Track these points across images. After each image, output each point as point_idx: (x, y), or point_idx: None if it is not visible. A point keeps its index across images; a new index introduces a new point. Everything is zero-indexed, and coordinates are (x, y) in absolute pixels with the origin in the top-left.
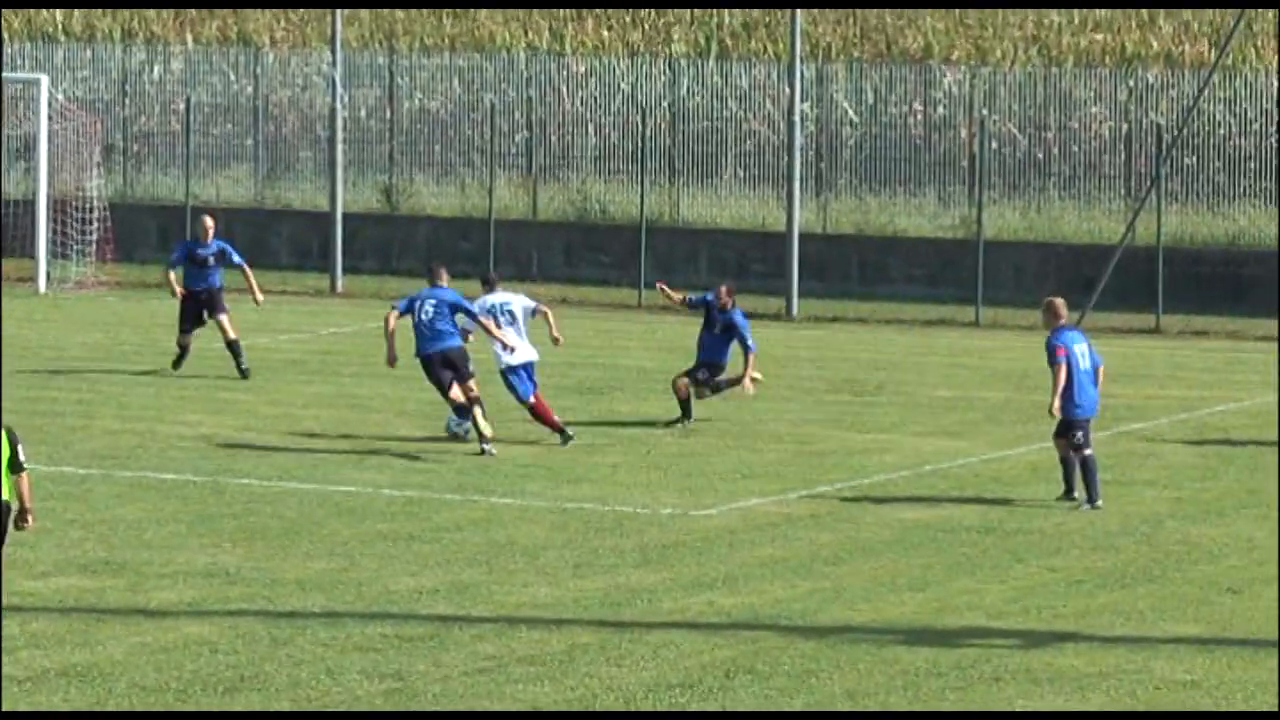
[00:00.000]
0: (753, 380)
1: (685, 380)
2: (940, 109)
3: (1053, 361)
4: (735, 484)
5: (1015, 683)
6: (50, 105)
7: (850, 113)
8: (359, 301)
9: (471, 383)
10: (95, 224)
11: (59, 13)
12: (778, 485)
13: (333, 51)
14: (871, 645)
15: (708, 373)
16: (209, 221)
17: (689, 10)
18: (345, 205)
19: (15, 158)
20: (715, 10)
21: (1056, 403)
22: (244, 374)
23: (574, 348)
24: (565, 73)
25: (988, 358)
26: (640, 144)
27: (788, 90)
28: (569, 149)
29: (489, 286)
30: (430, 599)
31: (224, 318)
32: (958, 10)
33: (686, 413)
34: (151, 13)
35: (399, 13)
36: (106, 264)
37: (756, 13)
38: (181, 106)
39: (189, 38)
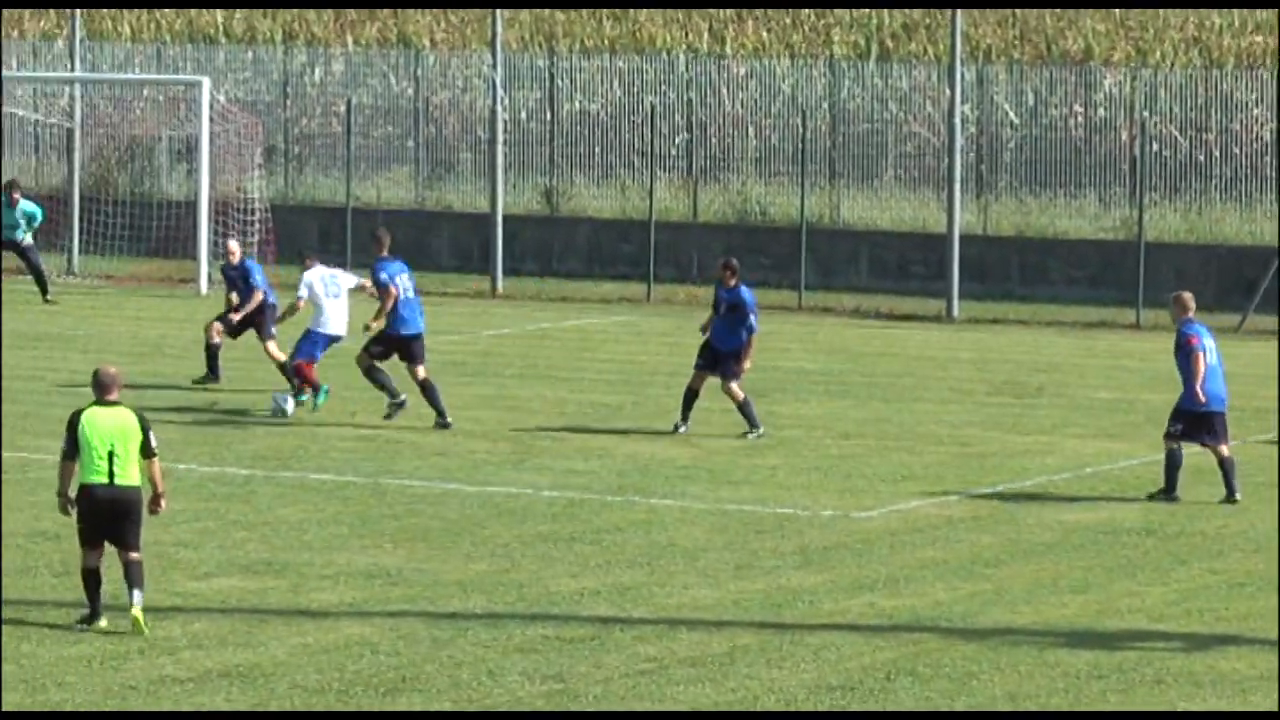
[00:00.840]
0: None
1: (698, 376)
2: (1101, 111)
3: (1188, 350)
4: (896, 486)
5: (1177, 685)
6: (212, 107)
7: (1011, 114)
8: (519, 304)
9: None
10: (256, 225)
11: (220, 15)
12: (938, 487)
13: (493, 53)
14: (1033, 647)
15: (710, 360)
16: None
17: (849, 11)
18: (505, 207)
19: (177, 159)
20: (875, 11)
21: (1199, 391)
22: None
23: None
24: (726, 74)
25: (1149, 360)
26: (800, 146)
27: (948, 92)
28: (729, 151)
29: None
30: (591, 600)
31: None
32: (1118, 11)
33: (685, 413)
34: (312, 14)
35: (559, 15)
36: (266, 266)
37: (917, 14)
38: (342, 108)
39: (349, 40)
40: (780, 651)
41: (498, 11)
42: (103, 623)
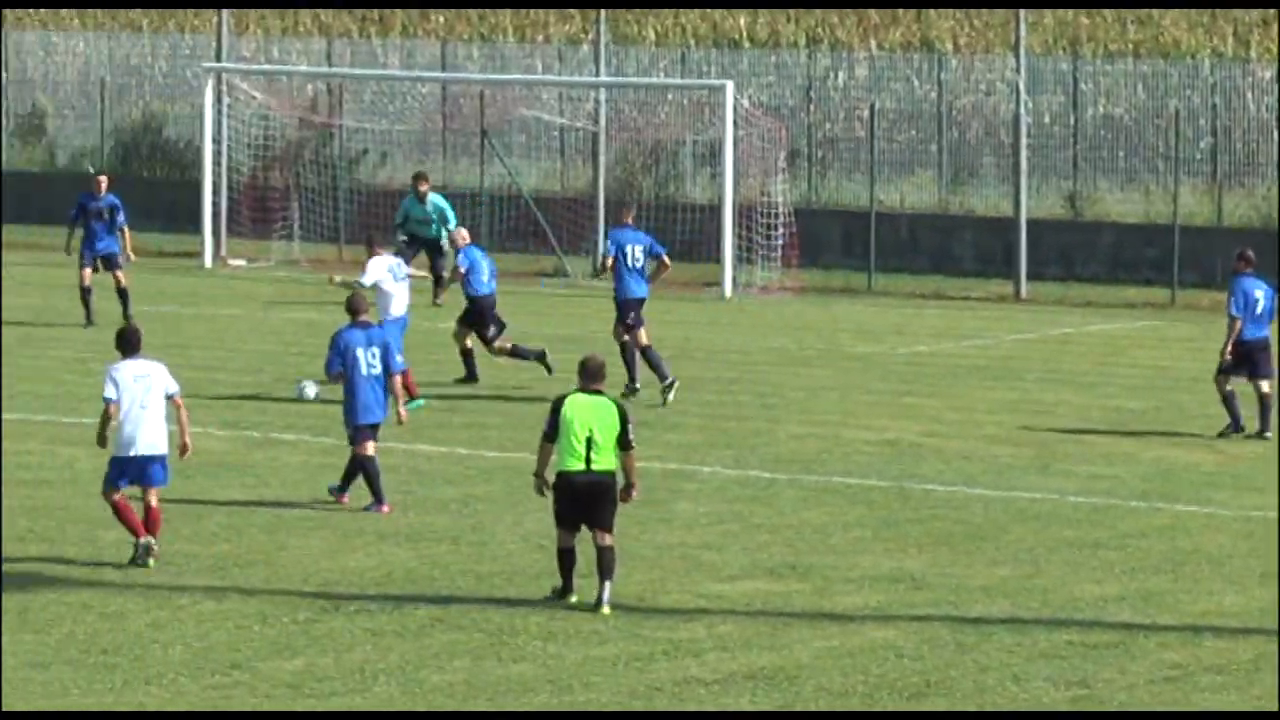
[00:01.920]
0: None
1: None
2: None
3: None
4: None
5: None
6: (736, 111)
7: None
8: (1042, 308)
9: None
10: (780, 229)
11: (743, 19)
12: None
13: (1016, 57)
14: None
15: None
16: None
17: None
18: (1029, 211)
19: (701, 163)
20: None
21: None
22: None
23: None
24: (1250, 79)
25: None
26: None
27: None
28: (1254, 155)
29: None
30: (1116, 606)
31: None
32: None
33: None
34: (835, 19)
35: (1083, 19)
36: (791, 269)
37: None
38: (866, 112)
39: (873, 44)
40: None
41: (1021, 15)
42: (573, 598)
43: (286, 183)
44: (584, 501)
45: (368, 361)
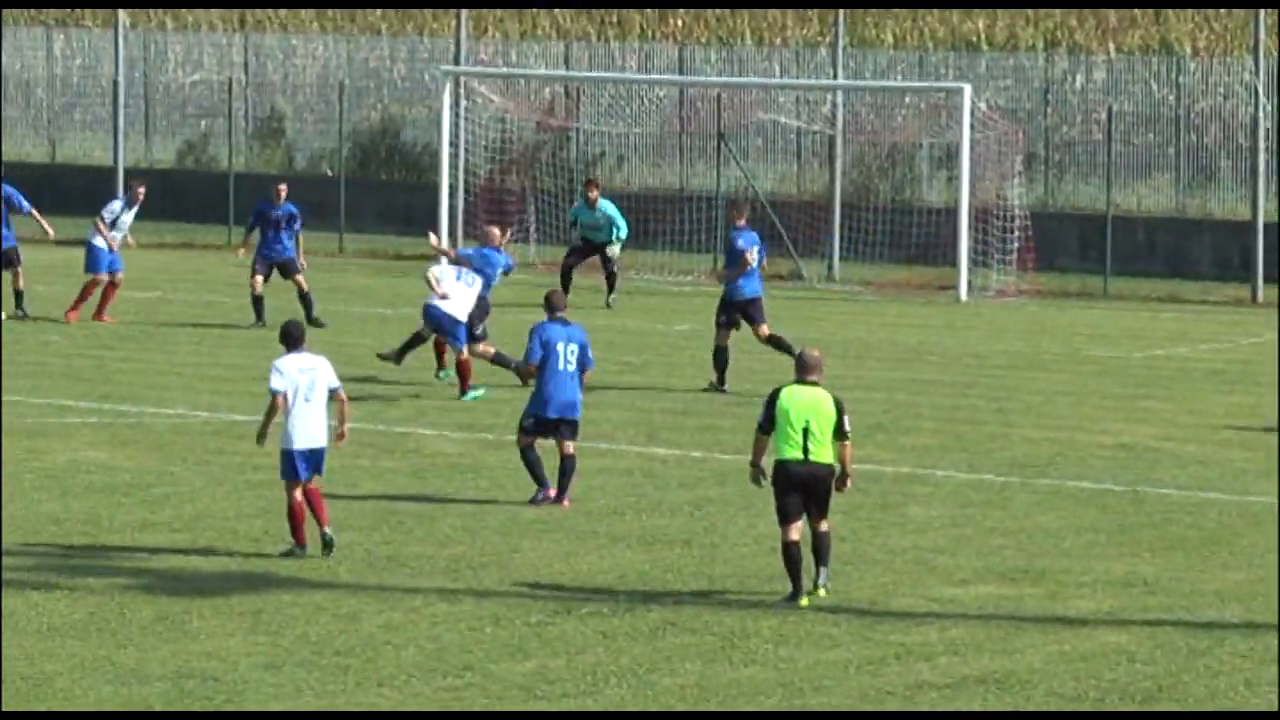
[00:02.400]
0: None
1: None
2: None
3: None
4: None
5: None
6: (973, 114)
7: None
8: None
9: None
10: (1016, 232)
11: (981, 22)
12: None
13: (1255, 60)
14: None
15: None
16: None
17: None
18: (1266, 215)
19: (937, 166)
20: None
21: None
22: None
23: None
24: None
25: None
26: None
27: None
28: None
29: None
30: None
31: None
32: None
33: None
34: (1074, 21)
35: None
36: (1028, 272)
37: None
38: (1103, 115)
39: (1111, 47)
40: None
41: (1260, 16)
42: (804, 600)
43: (523, 186)
44: (802, 490)
45: (565, 356)
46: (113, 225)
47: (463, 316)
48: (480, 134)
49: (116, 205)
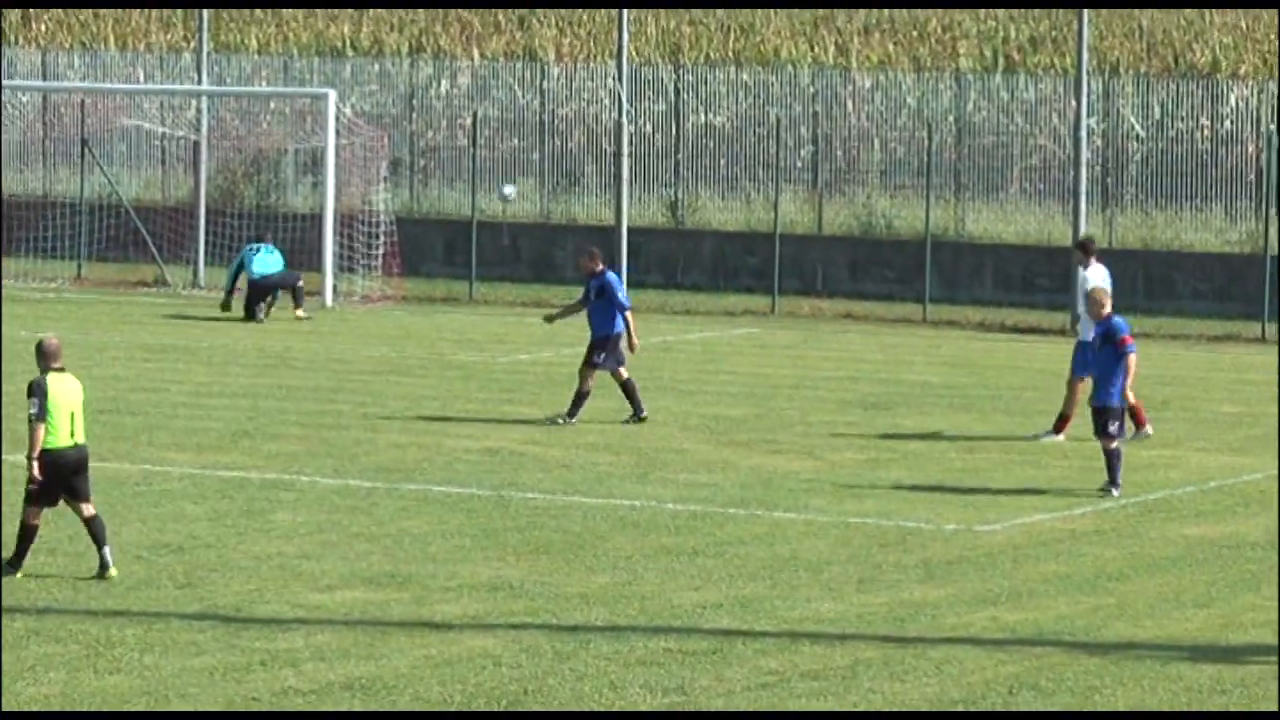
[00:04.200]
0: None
1: (590, 370)
2: (1227, 124)
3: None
4: (1019, 500)
5: None
6: (338, 120)
7: (1137, 127)
8: (643, 316)
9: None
10: (381, 238)
11: (346, 28)
12: (1063, 501)
13: (618, 66)
14: (1156, 662)
15: (603, 354)
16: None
17: (975, 24)
18: (630, 220)
19: (302, 172)
20: (1001, 24)
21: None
22: None
23: (857, 362)
24: (851, 87)
25: (1275, 373)
26: (925, 159)
27: (1074, 104)
28: (854, 163)
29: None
30: (713, 614)
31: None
32: (1245, 23)
33: (576, 409)
34: (439, 27)
35: (685, 28)
36: (393, 278)
37: (1044, 27)
38: (468, 121)
39: (476, 53)
40: (903, 665)
41: (624, 23)
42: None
43: None
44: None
45: None
46: None
47: None
48: None
49: None
